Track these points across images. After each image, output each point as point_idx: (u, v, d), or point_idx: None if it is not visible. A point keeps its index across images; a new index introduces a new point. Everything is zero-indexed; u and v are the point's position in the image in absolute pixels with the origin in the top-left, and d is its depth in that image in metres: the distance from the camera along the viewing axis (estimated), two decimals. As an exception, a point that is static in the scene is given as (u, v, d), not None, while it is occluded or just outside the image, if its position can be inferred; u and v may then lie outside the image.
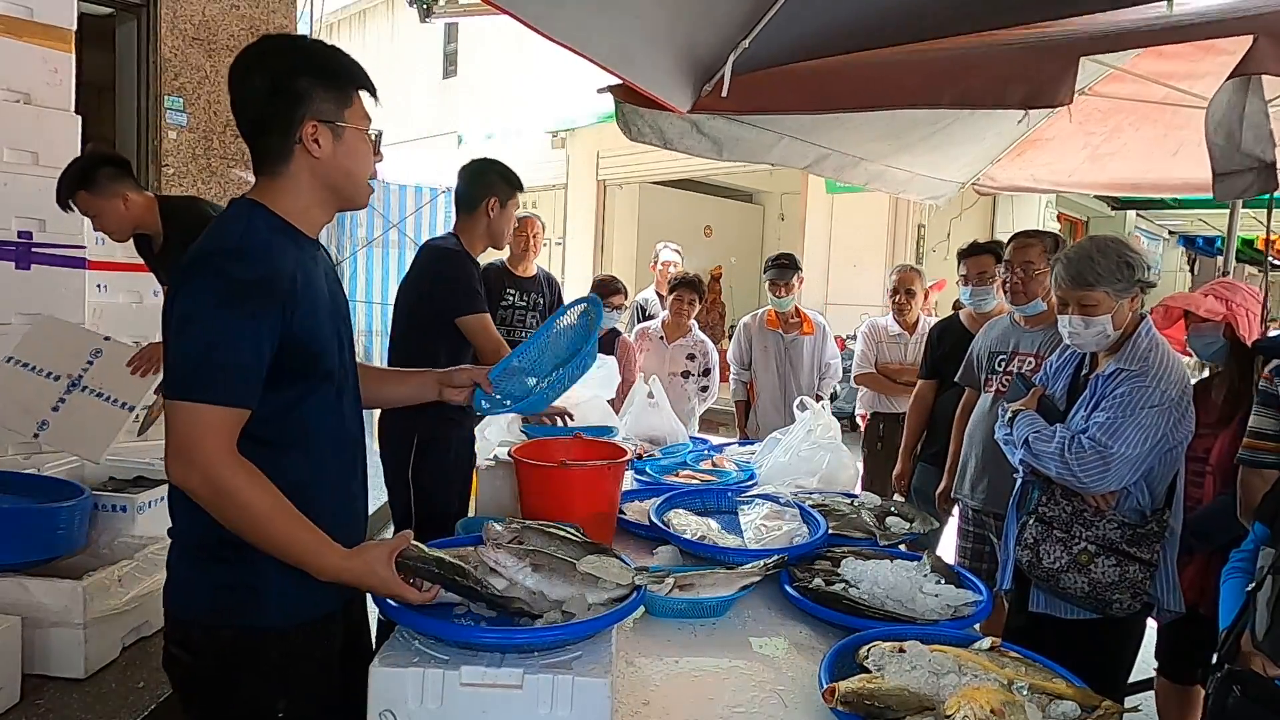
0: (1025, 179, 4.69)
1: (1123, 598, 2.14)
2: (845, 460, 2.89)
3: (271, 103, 1.40)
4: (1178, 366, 2.17)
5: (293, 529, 1.36)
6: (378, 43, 17.22)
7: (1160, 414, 2.09)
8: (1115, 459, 2.07)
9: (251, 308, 1.32)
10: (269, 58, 1.42)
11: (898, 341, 4.29)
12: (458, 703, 1.33)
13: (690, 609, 1.80)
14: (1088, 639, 2.21)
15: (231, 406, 1.32)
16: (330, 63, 1.44)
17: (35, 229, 3.29)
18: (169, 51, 5.35)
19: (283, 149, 1.42)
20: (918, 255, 11.19)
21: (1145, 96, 3.69)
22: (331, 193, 1.48)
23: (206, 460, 1.30)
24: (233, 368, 1.31)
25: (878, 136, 3.71)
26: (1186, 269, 20.87)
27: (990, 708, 1.33)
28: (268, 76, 1.40)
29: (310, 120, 1.40)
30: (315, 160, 1.42)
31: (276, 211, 1.43)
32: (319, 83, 1.41)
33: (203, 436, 1.30)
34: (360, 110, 1.46)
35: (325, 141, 1.42)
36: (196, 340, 1.31)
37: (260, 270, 1.35)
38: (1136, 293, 2.16)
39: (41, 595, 2.48)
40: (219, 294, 1.32)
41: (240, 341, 1.32)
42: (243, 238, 1.38)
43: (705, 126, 3.20)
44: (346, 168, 1.46)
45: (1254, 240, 13.22)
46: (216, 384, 1.30)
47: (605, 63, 2.61)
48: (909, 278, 4.32)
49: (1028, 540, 2.25)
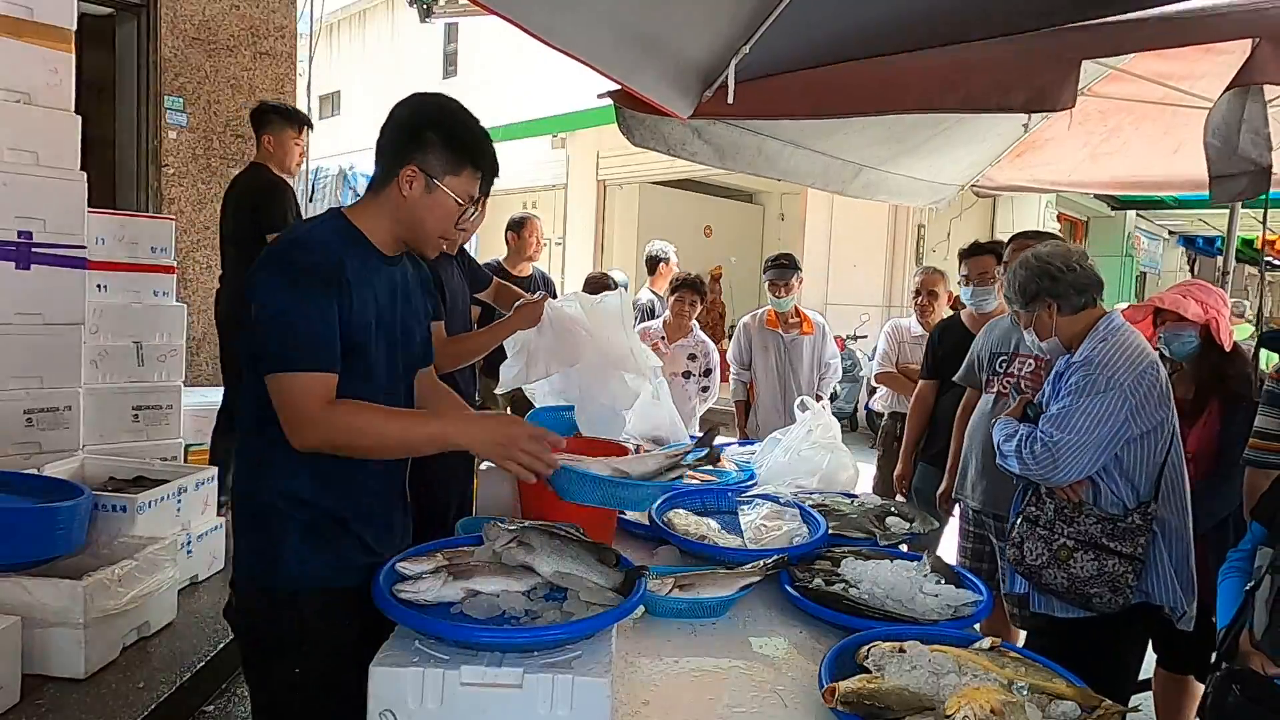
0: (1025, 179, 4.69)
1: (1102, 592, 2.15)
2: (845, 460, 2.88)
3: (398, 137, 1.58)
4: (1134, 354, 2.18)
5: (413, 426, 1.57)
6: (378, 43, 17.24)
7: (1108, 399, 2.11)
8: (1061, 447, 2.11)
9: (315, 286, 1.49)
10: (423, 106, 1.62)
11: (920, 342, 4.28)
12: (458, 703, 1.33)
13: (691, 609, 1.80)
14: (1085, 638, 2.22)
15: (321, 372, 1.48)
16: (463, 134, 1.60)
17: (35, 229, 3.28)
18: (169, 51, 5.36)
19: (385, 176, 1.59)
20: (918, 255, 11.19)
21: (1145, 96, 3.70)
22: (402, 231, 1.63)
23: (315, 420, 1.46)
24: (315, 337, 1.48)
25: (878, 141, 3.71)
26: (1186, 269, 20.88)
27: (990, 708, 1.33)
28: (409, 116, 1.59)
29: (414, 165, 1.56)
30: (401, 198, 1.58)
31: (355, 223, 1.61)
32: (441, 142, 1.57)
33: (307, 402, 1.46)
34: (465, 185, 1.60)
35: (417, 188, 1.57)
36: (277, 320, 1.48)
37: (315, 258, 1.51)
38: (1047, 303, 2.28)
39: (41, 595, 2.48)
40: (287, 278, 1.49)
41: (313, 314, 1.48)
42: (308, 234, 1.58)
43: (706, 132, 3.20)
44: (422, 217, 1.60)
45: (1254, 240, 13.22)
46: (304, 353, 1.47)
47: (606, 69, 2.61)
48: (933, 279, 4.32)
49: (1015, 539, 2.31)
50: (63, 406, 3.44)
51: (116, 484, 3.30)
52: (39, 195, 3.29)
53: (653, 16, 2.60)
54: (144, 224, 4.23)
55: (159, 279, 4.16)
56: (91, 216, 3.55)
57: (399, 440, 1.56)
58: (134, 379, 3.98)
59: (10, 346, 3.27)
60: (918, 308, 4.33)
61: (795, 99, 2.85)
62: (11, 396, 3.29)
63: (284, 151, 3.80)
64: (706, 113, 2.97)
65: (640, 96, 2.79)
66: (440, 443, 1.55)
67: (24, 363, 3.32)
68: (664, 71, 2.78)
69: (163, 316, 4.11)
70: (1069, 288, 2.25)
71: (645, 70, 2.72)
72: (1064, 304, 2.26)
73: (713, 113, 2.96)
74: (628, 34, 2.57)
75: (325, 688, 1.57)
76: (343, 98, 18.40)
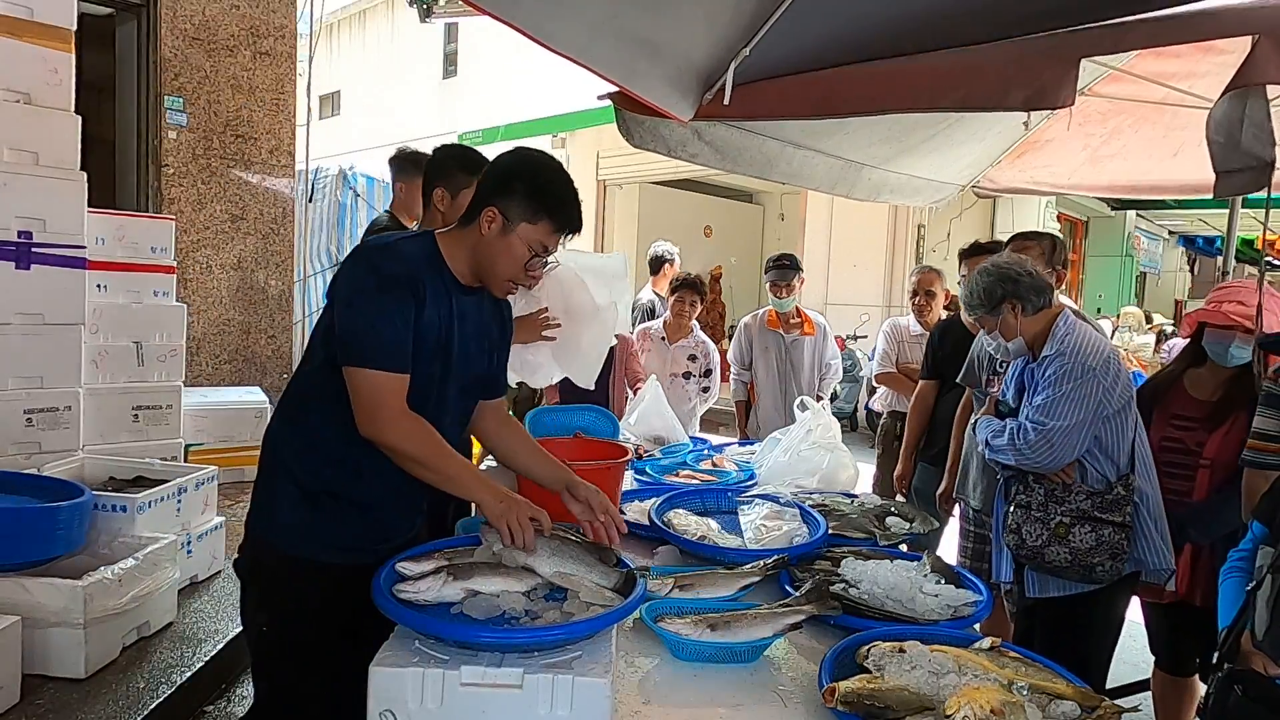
0: (1025, 181, 4.69)
1: (1103, 561, 2.28)
2: (845, 460, 2.89)
3: (491, 180, 1.71)
4: (1094, 342, 2.36)
5: (454, 467, 1.65)
6: (378, 43, 17.23)
7: (1084, 384, 2.27)
8: (1054, 432, 2.26)
9: (400, 294, 1.61)
10: (524, 160, 1.74)
11: (919, 342, 4.28)
12: (458, 703, 1.33)
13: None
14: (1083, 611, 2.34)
15: (398, 373, 1.60)
16: (547, 188, 1.70)
17: (35, 229, 3.28)
18: (169, 51, 5.36)
19: (474, 213, 1.71)
20: (918, 255, 11.19)
21: (1145, 97, 3.69)
22: (476, 266, 1.73)
23: (390, 418, 1.59)
24: (396, 341, 1.60)
25: (879, 140, 3.71)
26: (1186, 269, 20.89)
27: (990, 708, 1.33)
28: (508, 163, 1.72)
29: (495, 207, 1.67)
30: (479, 237, 1.70)
31: (441, 248, 1.72)
32: (526, 193, 1.68)
33: (385, 398, 1.59)
34: (539, 234, 1.69)
35: (494, 229, 1.68)
36: (363, 317, 1.60)
37: (404, 270, 1.64)
38: (1011, 304, 2.39)
39: (41, 595, 2.48)
40: (375, 281, 1.61)
41: (396, 319, 1.60)
42: (399, 246, 1.70)
43: (706, 134, 3.20)
44: (494, 257, 1.70)
45: (1254, 240, 13.23)
46: (385, 354, 1.59)
47: (605, 72, 2.60)
48: (929, 279, 4.32)
49: (1011, 526, 2.41)
50: (63, 406, 3.44)
51: (116, 484, 3.30)
52: (39, 195, 3.29)
53: (652, 19, 2.59)
54: (144, 224, 4.23)
55: (159, 279, 4.16)
56: (91, 216, 3.55)
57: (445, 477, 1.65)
58: (134, 379, 3.98)
59: (10, 346, 3.27)
60: (915, 307, 4.34)
61: (795, 100, 2.84)
62: (11, 396, 3.30)
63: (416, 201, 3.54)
64: (706, 115, 2.96)
65: (640, 99, 2.79)
66: (474, 497, 1.67)
67: (24, 363, 3.32)
68: (664, 74, 2.77)
69: (163, 316, 4.12)
70: (1029, 289, 2.38)
71: (645, 72, 2.72)
72: (1027, 304, 2.39)
73: (713, 114, 2.96)
74: (627, 36, 2.56)
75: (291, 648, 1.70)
76: (343, 98, 18.39)
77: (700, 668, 1.60)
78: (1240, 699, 1.60)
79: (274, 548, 1.72)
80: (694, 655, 1.61)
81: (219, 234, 5.73)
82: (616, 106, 3.03)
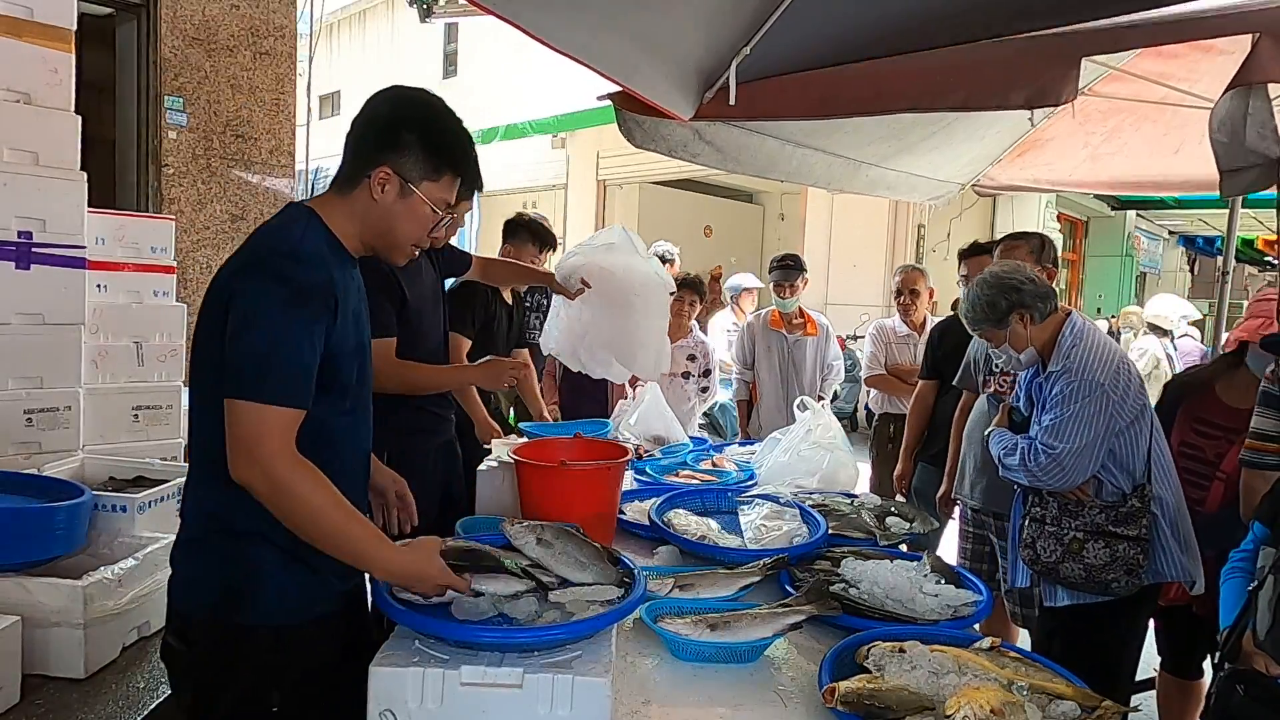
0: (1025, 179, 4.69)
1: (1119, 576, 2.23)
2: (845, 460, 2.89)
3: (372, 133, 1.48)
4: (1101, 353, 2.27)
5: (349, 526, 1.41)
6: (378, 43, 17.23)
7: (1093, 401, 2.20)
8: (1065, 455, 2.20)
9: (312, 311, 1.38)
10: (404, 103, 1.51)
11: (907, 342, 4.28)
12: (458, 703, 1.33)
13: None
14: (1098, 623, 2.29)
15: (293, 408, 1.36)
16: (445, 138, 1.51)
17: (35, 229, 3.28)
18: (169, 51, 5.35)
19: (356, 176, 1.49)
20: (918, 255, 11.19)
21: (1145, 97, 3.69)
22: (370, 236, 1.53)
23: (270, 459, 1.33)
24: (295, 369, 1.36)
25: (878, 138, 3.71)
26: (1186, 269, 20.88)
27: (990, 708, 1.33)
28: (388, 112, 1.49)
29: (387, 167, 1.46)
30: (371, 202, 1.48)
31: (328, 224, 1.50)
32: (420, 145, 1.47)
33: (267, 435, 1.33)
34: (443, 191, 1.51)
35: (390, 191, 1.47)
36: (261, 340, 1.34)
37: (319, 276, 1.41)
38: (1020, 314, 2.32)
39: (41, 595, 2.47)
40: (283, 296, 1.36)
41: (301, 343, 1.36)
42: (301, 242, 1.44)
43: (707, 133, 3.20)
44: (391, 224, 1.50)
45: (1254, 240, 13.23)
46: (280, 385, 1.34)
47: (607, 71, 2.60)
48: (912, 278, 4.32)
49: (1026, 540, 2.36)
50: (63, 406, 3.44)
51: (116, 484, 3.30)
52: (39, 195, 3.29)
53: (653, 18, 2.59)
54: (144, 224, 4.22)
55: (159, 279, 4.15)
56: (91, 216, 3.55)
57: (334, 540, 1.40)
58: (134, 379, 3.97)
59: (10, 346, 3.27)
60: (900, 307, 4.33)
61: (795, 100, 2.84)
62: (11, 396, 3.29)
63: None
64: (707, 114, 2.96)
65: (641, 98, 2.79)
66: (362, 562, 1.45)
67: (24, 363, 3.31)
68: (665, 73, 2.77)
69: (163, 316, 4.11)
70: (1033, 296, 2.32)
71: (646, 72, 2.72)
72: (1034, 312, 2.32)
73: (714, 114, 2.96)
74: (628, 35, 2.56)
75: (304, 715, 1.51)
76: (343, 98, 18.38)
77: (700, 668, 1.60)
78: (1242, 699, 1.60)
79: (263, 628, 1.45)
80: (694, 655, 1.61)
81: (219, 234, 5.73)
82: (617, 107, 3.02)
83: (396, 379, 2.41)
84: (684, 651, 1.61)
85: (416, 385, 2.49)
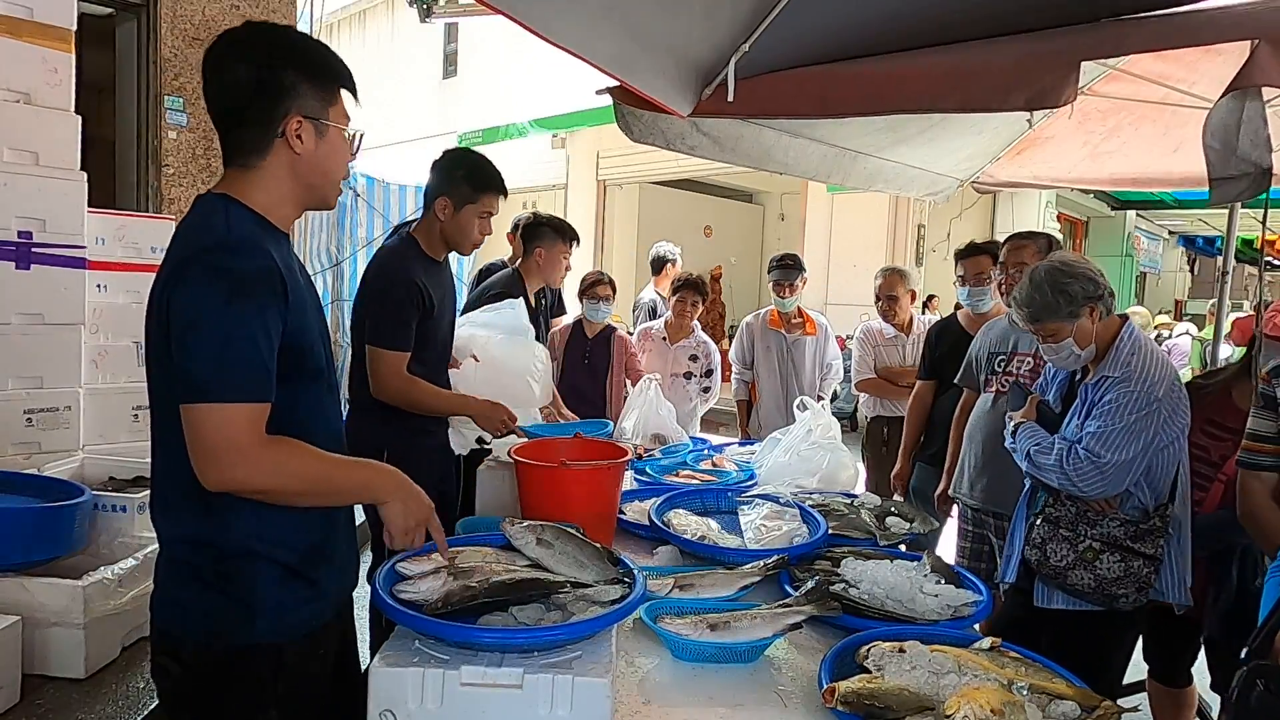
0: (1025, 176, 4.69)
1: (1128, 592, 2.19)
2: (845, 460, 2.89)
3: (255, 93, 1.35)
4: (1161, 366, 2.22)
5: (349, 472, 1.43)
6: (378, 43, 17.21)
7: (1147, 416, 2.14)
8: (1109, 466, 2.12)
9: (259, 300, 1.29)
10: (255, 47, 1.37)
11: (895, 343, 4.28)
12: (458, 703, 1.33)
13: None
14: (1091, 629, 2.26)
15: (257, 402, 1.29)
16: (318, 58, 1.41)
17: (35, 229, 3.28)
18: (169, 51, 5.35)
19: (262, 141, 1.38)
20: (918, 255, 11.20)
21: (1144, 96, 3.69)
22: (306, 190, 1.45)
23: (245, 456, 1.27)
24: (253, 362, 1.28)
25: (875, 129, 3.70)
26: (1186, 269, 20.88)
27: (990, 708, 1.33)
28: (253, 65, 1.35)
29: (295, 115, 1.37)
30: (295, 156, 1.39)
31: (249, 205, 1.39)
32: (306, 78, 1.37)
33: (237, 435, 1.26)
34: (342, 110, 1.44)
35: (308, 138, 1.39)
36: (211, 340, 1.26)
37: (259, 262, 1.31)
38: (1092, 308, 2.20)
39: (41, 595, 2.48)
40: (224, 290, 1.27)
41: (255, 335, 1.28)
42: (230, 231, 1.33)
43: (704, 125, 3.20)
44: (325, 167, 1.44)
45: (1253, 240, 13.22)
46: (240, 381, 1.27)
47: (606, 66, 2.60)
48: (890, 283, 4.28)
49: (1035, 540, 2.30)
50: (63, 406, 3.44)
51: (116, 484, 3.30)
52: (39, 195, 3.29)
53: (653, 14, 2.60)
54: (144, 224, 4.22)
55: (159, 279, 4.15)
56: (91, 216, 3.55)
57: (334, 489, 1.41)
58: (134, 379, 3.96)
59: (10, 346, 3.27)
60: (881, 311, 4.32)
61: (794, 98, 2.84)
62: (11, 396, 3.29)
63: (553, 266, 3.72)
64: (706, 111, 2.96)
65: (640, 94, 2.79)
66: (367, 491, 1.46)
67: (24, 363, 3.31)
68: (664, 69, 2.77)
69: (163, 316, 4.11)
70: (1109, 292, 2.23)
71: (645, 67, 2.72)
72: (1105, 307, 2.23)
73: (712, 111, 2.96)
74: (628, 31, 2.56)
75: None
76: (342, 98, 18.39)
77: (700, 668, 1.60)
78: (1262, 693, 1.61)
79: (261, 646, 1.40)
80: (694, 655, 1.61)
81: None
82: (615, 101, 3.03)
83: (403, 395, 2.45)
84: (684, 651, 1.61)
85: (418, 404, 2.50)
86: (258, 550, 1.38)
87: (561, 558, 1.62)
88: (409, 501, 1.47)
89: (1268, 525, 2.02)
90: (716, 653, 1.61)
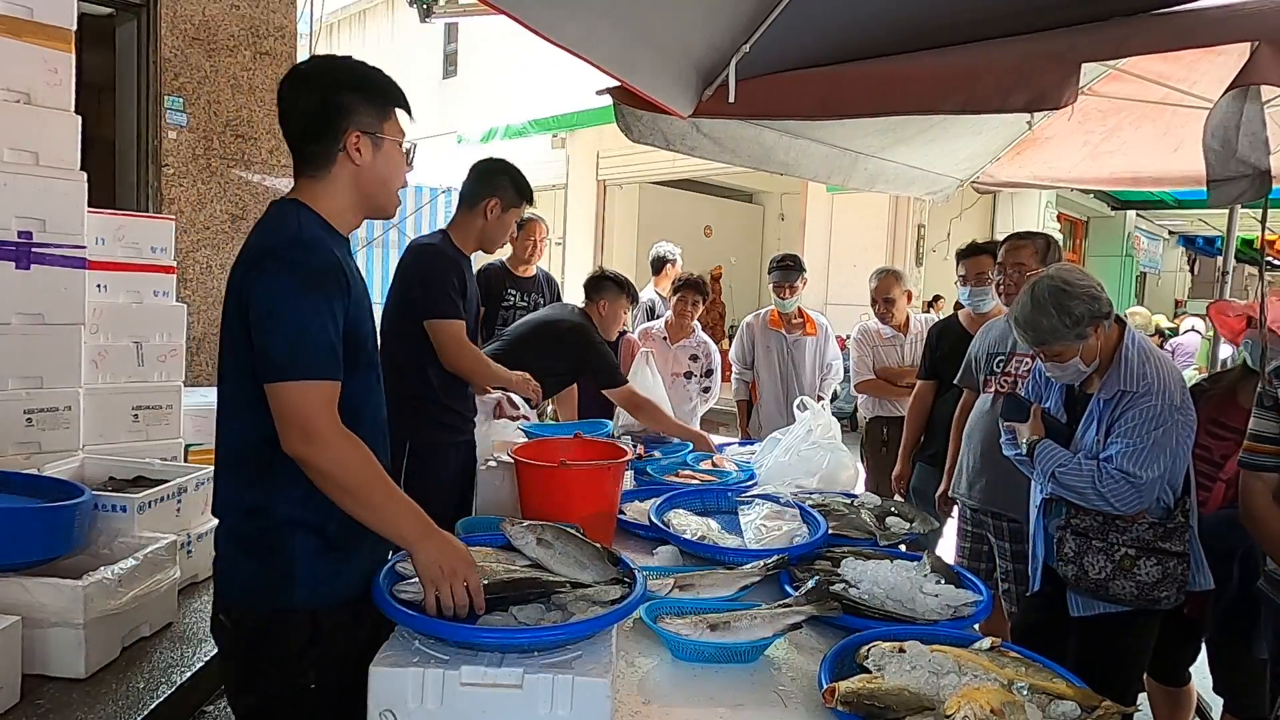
0: (1025, 176, 4.69)
1: (1171, 593, 2.19)
2: (845, 460, 2.89)
3: (319, 115, 1.55)
4: (1171, 370, 2.22)
5: (393, 500, 1.50)
6: (378, 43, 17.22)
7: (1172, 427, 2.13)
8: (1145, 484, 2.10)
9: (327, 292, 1.46)
10: (316, 76, 1.60)
11: (893, 343, 4.27)
12: (458, 703, 1.33)
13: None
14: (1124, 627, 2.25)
15: (331, 380, 1.45)
16: (373, 81, 1.60)
17: (35, 229, 3.29)
18: (169, 51, 5.35)
19: (327, 155, 1.57)
20: (918, 255, 11.19)
21: (1144, 96, 3.69)
22: (366, 198, 1.62)
23: (324, 432, 1.42)
24: (325, 346, 1.45)
25: (875, 130, 3.71)
26: (1186, 269, 20.89)
27: (990, 708, 1.33)
28: (316, 93, 1.56)
29: (354, 131, 1.55)
30: (356, 168, 1.57)
31: (316, 210, 1.57)
32: (362, 99, 1.57)
33: (318, 411, 1.42)
34: (397, 125, 1.62)
35: (366, 150, 1.57)
36: (289, 326, 1.43)
37: (326, 259, 1.49)
38: (1096, 325, 2.16)
39: (41, 595, 2.48)
40: (298, 282, 1.44)
41: (326, 322, 1.45)
42: (301, 230, 1.52)
43: (705, 125, 3.20)
44: (383, 176, 1.61)
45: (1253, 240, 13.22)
46: (315, 361, 1.43)
47: (606, 67, 2.60)
48: (886, 285, 4.27)
49: (1068, 555, 2.24)
50: (63, 406, 3.44)
51: (116, 484, 3.30)
52: (39, 195, 3.29)
53: (654, 14, 2.60)
54: (144, 224, 4.22)
55: (159, 279, 4.15)
56: (91, 216, 3.55)
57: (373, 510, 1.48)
58: (134, 379, 3.97)
59: (10, 346, 3.27)
60: (878, 315, 4.31)
61: (795, 99, 2.84)
62: (11, 396, 3.30)
63: (615, 320, 3.84)
64: (707, 112, 2.96)
65: (640, 94, 2.79)
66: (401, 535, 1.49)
67: (24, 363, 3.32)
68: (664, 69, 2.77)
69: (163, 316, 4.11)
70: (1108, 305, 2.20)
71: (646, 67, 2.72)
72: (1107, 322, 2.19)
73: (713, 112, 2.96)
74: (629, 31, 2.56)
75: (340, 694, 1.55)
76: (342, 98, 18.39)
77: (700, 668, 1.60)
78: None
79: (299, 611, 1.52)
80: (694, 655, 1.61)
81: (219, 234, 5.73)
82: (616, 101, 3.03)
83: (474, 359, 2.62)
84: (684, 651, 1.62)
85: (473, 371, 2.64)
86: (302, 521, 1.51)
87: (561, 558, 1.62)
88: (444, 553, 1.49)
89: (1268, 526, 2.02)
90: (716, 653, 1.61)
